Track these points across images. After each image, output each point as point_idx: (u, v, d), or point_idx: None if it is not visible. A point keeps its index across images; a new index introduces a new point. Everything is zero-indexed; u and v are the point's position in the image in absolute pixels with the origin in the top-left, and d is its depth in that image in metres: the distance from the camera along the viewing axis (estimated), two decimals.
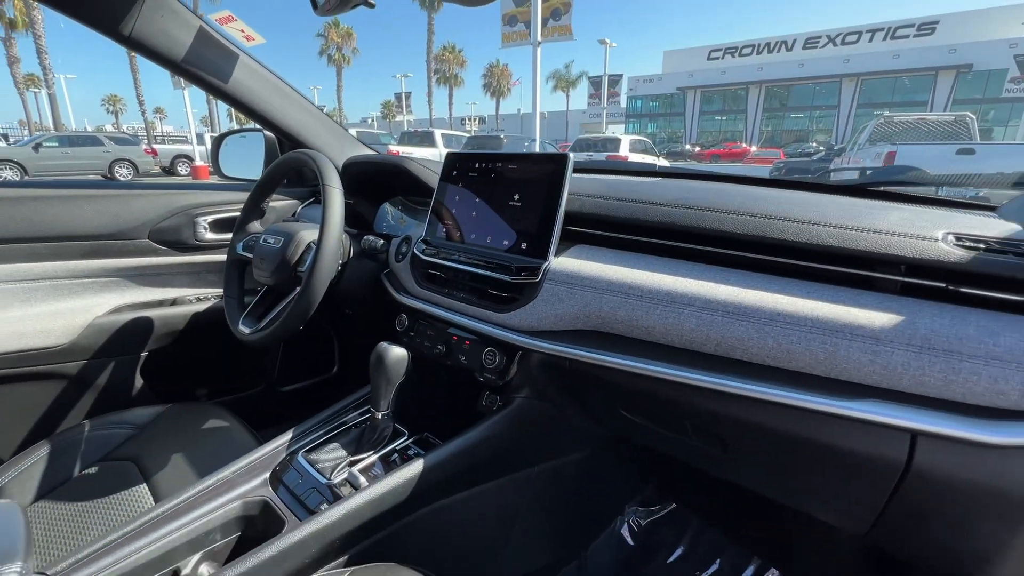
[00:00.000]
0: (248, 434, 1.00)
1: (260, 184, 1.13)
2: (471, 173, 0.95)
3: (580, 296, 0.74)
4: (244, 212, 1.15)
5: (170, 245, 1.27)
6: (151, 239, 1.24)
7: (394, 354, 0.81)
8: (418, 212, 1.24)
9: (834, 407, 0.53)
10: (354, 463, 0.80)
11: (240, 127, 1.50)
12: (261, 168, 1.34)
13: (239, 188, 1.38)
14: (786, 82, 30.94)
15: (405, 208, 1.30)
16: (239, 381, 1.41)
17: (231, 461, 0.81)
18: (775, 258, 0.65)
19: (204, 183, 1.69)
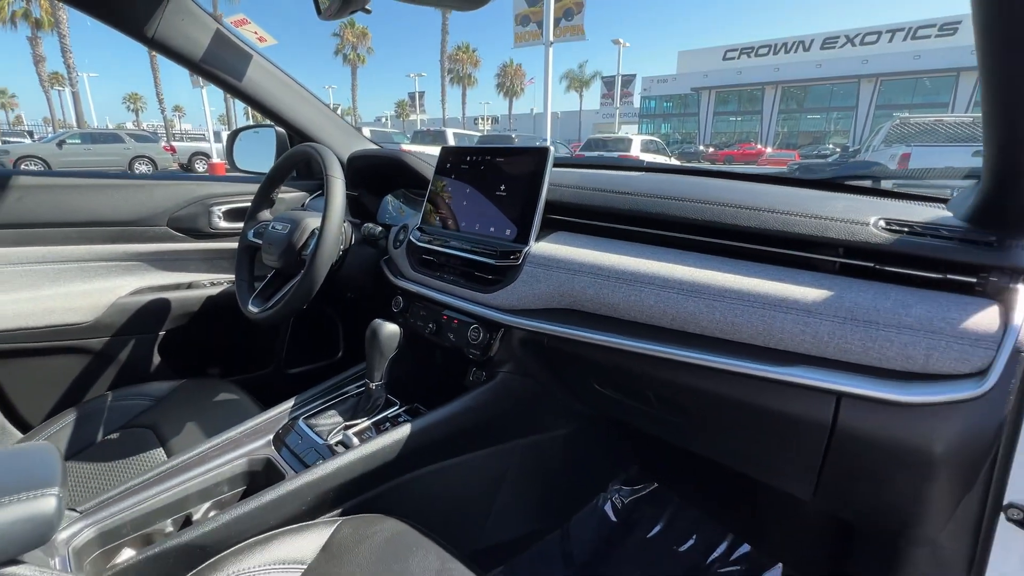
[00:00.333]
0: (256, 407, 1.08)
1: (270, 176, 1.21)
2: (463, 166, 1.02)
3: (555, 277, 0.81)
4: (255, 202, 1.23)
5: (187, 232, 1.36)
6: (169, 226, 1.33)
7: (387, 330, 0.89)
8: (417, 203, 1.31)
9: (771, 372, 0.60)
10: (349, 427, 0.88)
11: (254, 124, 1.59)
12: (272, 161, 1.42)
13: (251, 180, 1.47)
14: (803, 83, 30.56)
15: (406, 200, 1.37)
16: (249, 362, 1.50)
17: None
18: (729, 242, 0.72)
19: (219, 176, 1.78)
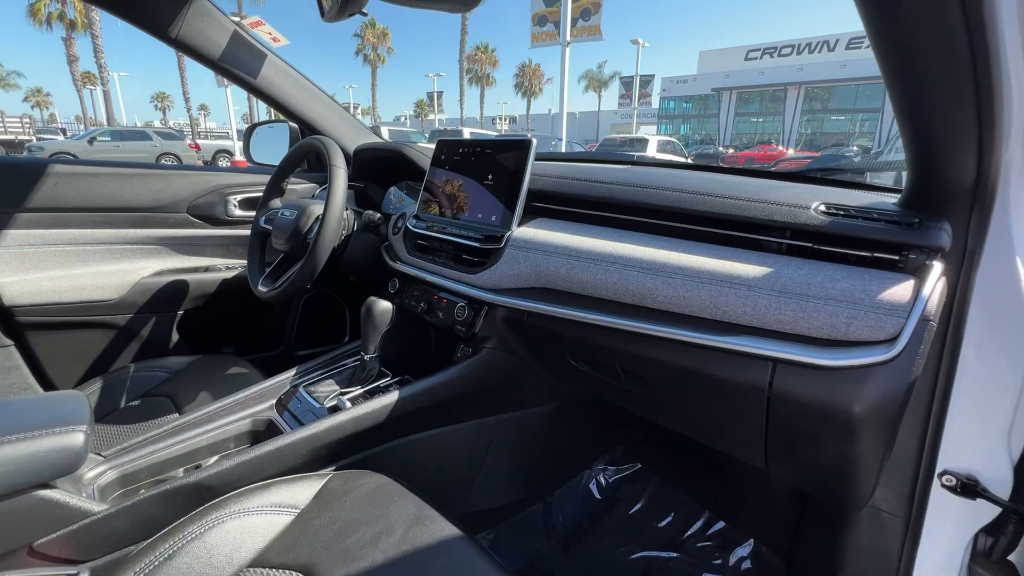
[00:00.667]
0: (263, 380, 1.17)
1: (280, 166, 1.30)
2: (456, 157, 1.10)
3: (533, 258, 0.88)
4: (267, 191, 1.32)
5: (205, 219, 1.46)
6: (189, 213, 1.44)
7: (380, 306, 0.97)
8: (417, 193, 1.39)
9: (715, 341, 0.66)
10: (344, 394, 0.96)
11: (269, 119, 1.69)
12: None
13: (265, 172, 1.56)
14: (828, 83, 29.96)
15: (408, 190, 1.45)
16: (260, 342, 1.60)
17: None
18: (689, 225, 0.78)
19: (236, 168, 1.90)
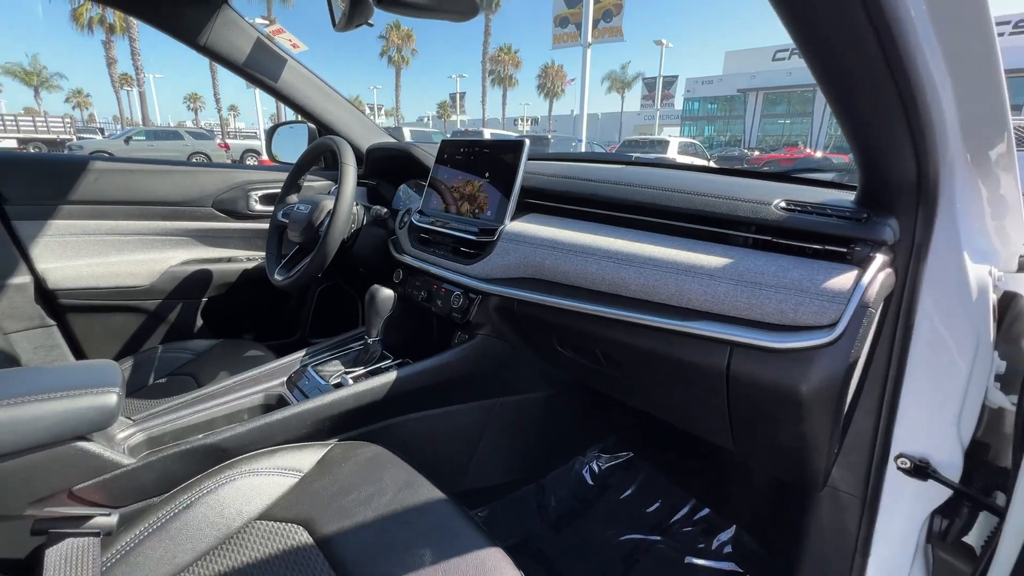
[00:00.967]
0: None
1: (297, 164, 1.39)
2: (457, 156, 1.17)
3: (522, 250, 0.94)
4: (284, 187, 1.42)
5: (228, 213, 1.57)
6: (214, 207, 1.54)
7: (383, 293, 1.05)
8: (423, 190, 1.47)
9: (678, 326, 0.71)
10: (348, 373, 1.04)
11: (290, 120, 1.80)
12: None
13: (285, 169, 1.67)
14: None
15: (416, 188, 1.53)
16: (278, 329, 1.70)
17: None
18: (664, 220, 0.83)
19: (258, 165, 2.01)
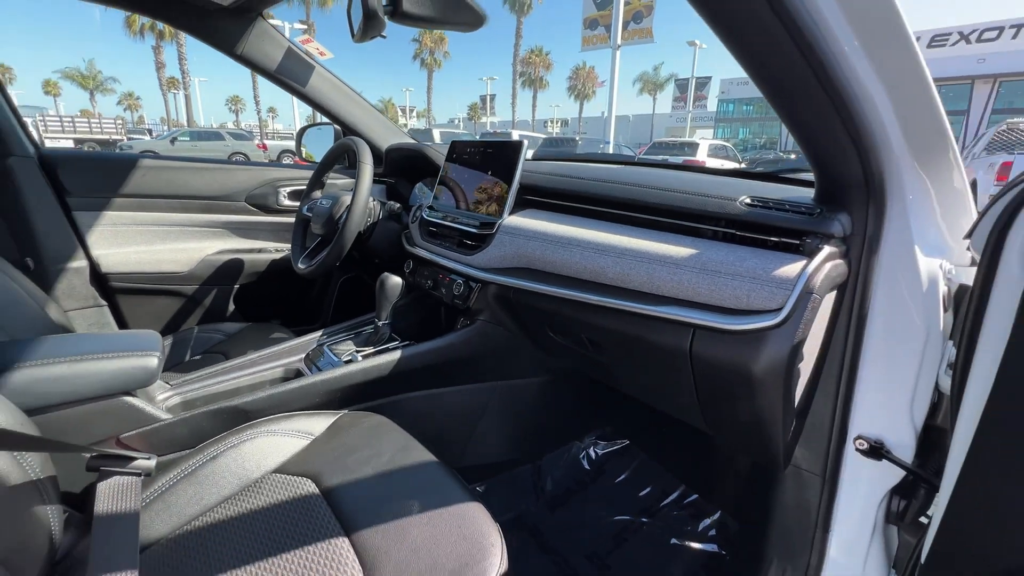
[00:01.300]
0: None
1: (321, 163, 1.51)
2: (464, 156, 1.26)
3: (516, 242, 1.02)
4: (309, 184, 1.54)
5: (259, 207, 1.70)
6: (246, 202, 1.68)
7: (392, 280, 1.15)
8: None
9: (647, 310, 0.78)
10: (358, 352, 1.14)
11: (317, 122, 1.93)
12: None
13: (312, 167, 1.79)
14: None
15: (431, 185, 1.63)
16: (302, 316, 1.83)
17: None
18: (646, 215, 0.90)
19: (289, 164, 2.16)
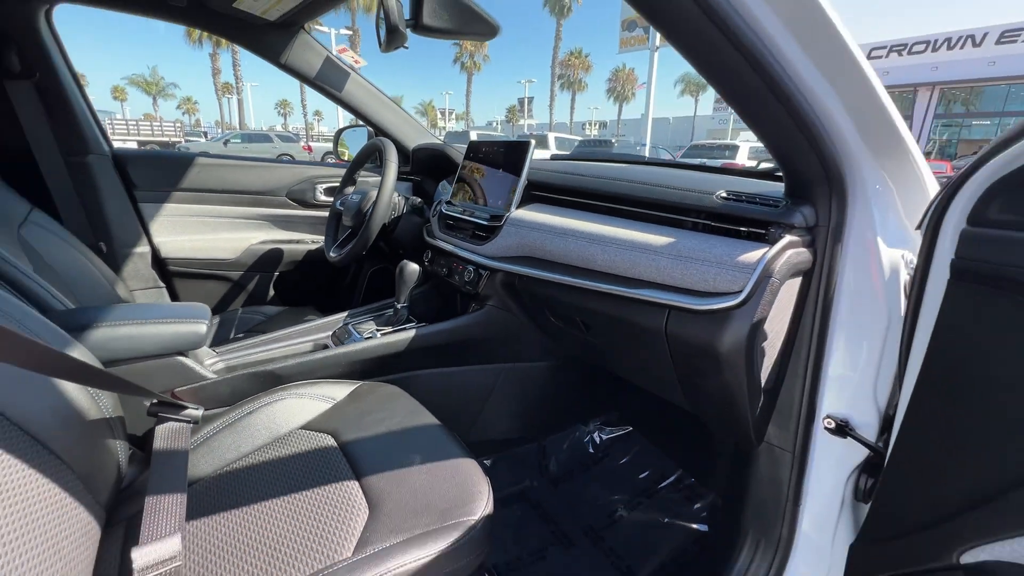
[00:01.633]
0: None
1: (353, 161, 1.65)
2: (480, 155, 1.37)
3: (520, 233, 1.12)
4: (342, 181, 1.68)
5: (298, 202, 1.87)
6: (287, 197, 1.85)
7: (410, 267, 1.26)
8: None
9: (628, 292, 0.86)
10: (378, 330, 1.27)
11: (352, 124, 2.09)
12: None
13: (346, 166, 1.95)
14: (969, 83, 25.76)
15: (453, 183, 1.75)
16: (334, 303, 1.98)
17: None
18: (636, 208, 0.98)
19: (325, 162, 2.34)
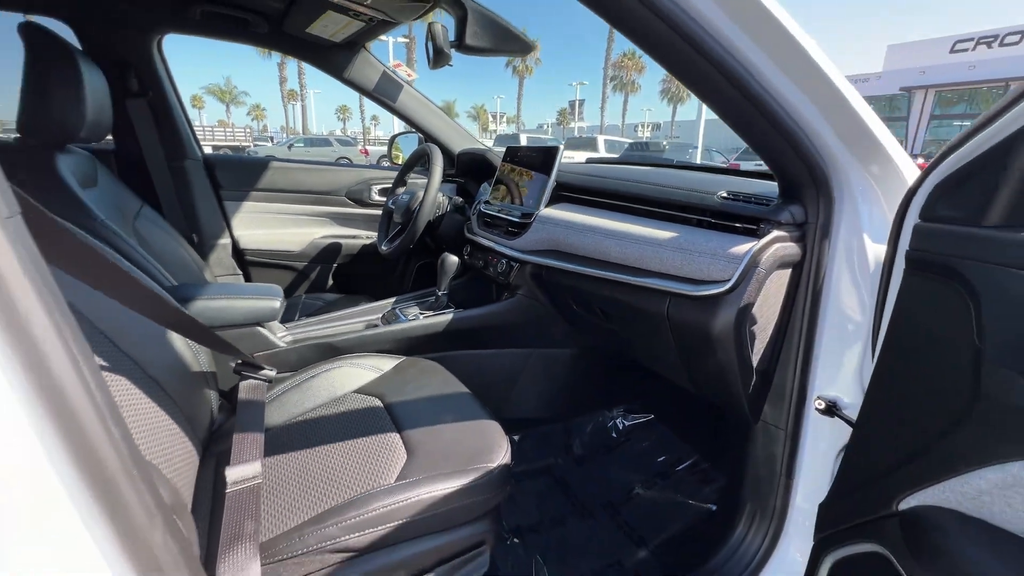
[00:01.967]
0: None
1: (404, 165, 1.84)
2: (516, 158, 1.51)
3: (548, 229, 1.25)
4: (394, 182, 1.87)
5: (356, 201, 2.08)
6: (346, 196, 2.06)
7: (450, 259, 1.42)
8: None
9: (636, 281, 0.97)
10: (421, 314, 1.43)
11: (405, 130, 2.28)
12: None
13: (398, 169, 2.14)
14: None
15: (492, 184, 1.90)
16: (384, 292, 2.18)
17: None
18: (649, 207, 1.09)
19: (380, 165, 2.56)
